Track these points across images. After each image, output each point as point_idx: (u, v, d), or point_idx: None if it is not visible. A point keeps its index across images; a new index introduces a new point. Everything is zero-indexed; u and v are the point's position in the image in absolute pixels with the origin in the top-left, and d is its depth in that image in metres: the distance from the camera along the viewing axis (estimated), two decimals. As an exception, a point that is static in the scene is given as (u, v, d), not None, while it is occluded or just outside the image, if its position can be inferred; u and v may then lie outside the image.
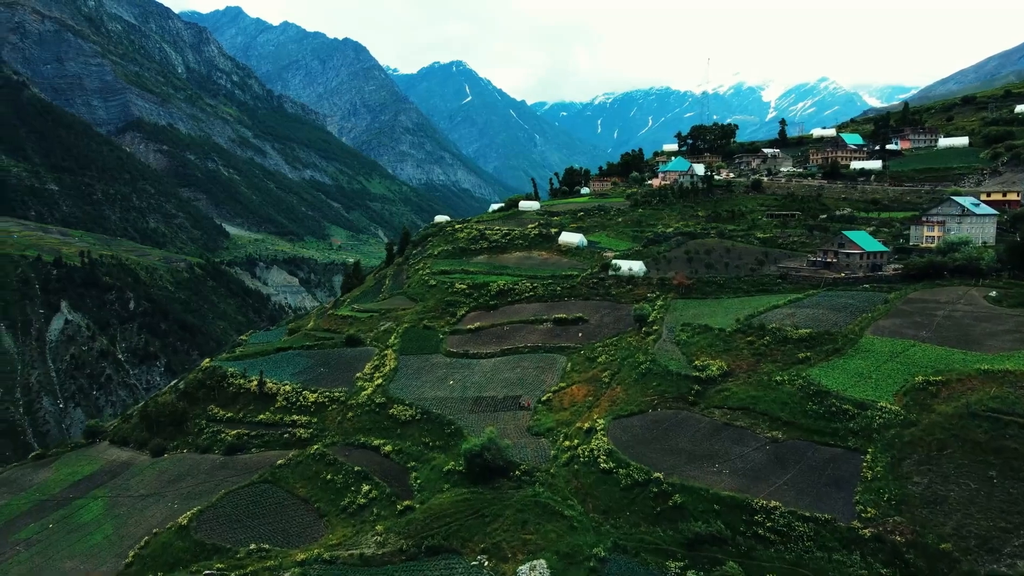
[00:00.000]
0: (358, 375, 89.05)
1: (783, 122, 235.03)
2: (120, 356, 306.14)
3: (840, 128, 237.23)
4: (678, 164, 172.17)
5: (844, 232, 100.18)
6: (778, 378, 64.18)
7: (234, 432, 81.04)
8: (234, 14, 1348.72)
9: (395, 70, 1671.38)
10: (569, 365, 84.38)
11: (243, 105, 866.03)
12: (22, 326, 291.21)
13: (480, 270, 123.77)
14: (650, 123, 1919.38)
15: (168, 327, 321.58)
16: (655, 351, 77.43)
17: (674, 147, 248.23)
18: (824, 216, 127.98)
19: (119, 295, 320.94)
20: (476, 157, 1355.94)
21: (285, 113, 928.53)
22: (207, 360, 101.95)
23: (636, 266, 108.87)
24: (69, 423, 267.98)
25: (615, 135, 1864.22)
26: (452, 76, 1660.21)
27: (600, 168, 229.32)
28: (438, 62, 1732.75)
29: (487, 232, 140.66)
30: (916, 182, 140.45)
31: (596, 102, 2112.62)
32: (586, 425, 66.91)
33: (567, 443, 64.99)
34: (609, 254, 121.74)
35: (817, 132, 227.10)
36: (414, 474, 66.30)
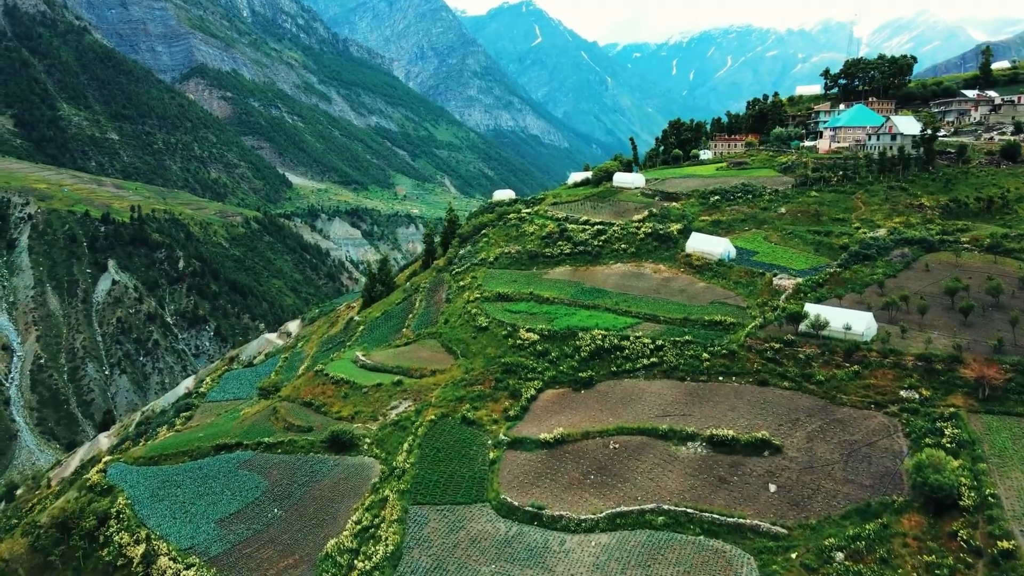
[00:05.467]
0: (331, 544, 45.86)
1: (987, 51, 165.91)
2: (168, 319, 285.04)
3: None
4: (861, 115, 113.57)
5: None
6: None
7: None
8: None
9: (463, 11, 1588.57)
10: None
11: (308, 49, 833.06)
12: (68, 287, 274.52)
13: (560, 296, 76.50)
14: (728, 63, 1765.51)
15: (219, 288, 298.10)
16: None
17: (815, 89, 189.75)
18: None
19: (168, 253, 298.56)
20: (545, 101, 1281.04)
21: (351, 57, 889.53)
22: (98, 467, 62.00)
23: (860, 322, 57.27)
24: (115, 391, 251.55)
25: (690, 77, 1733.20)
26: (521, 17, 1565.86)
27: (718, 121, 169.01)
28: (507, 2, 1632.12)
29: (569, 226, 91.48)
30: None
31: (671, 42, 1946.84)
32: None
33: None
34: (786, 283, 70.30)
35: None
36: None
